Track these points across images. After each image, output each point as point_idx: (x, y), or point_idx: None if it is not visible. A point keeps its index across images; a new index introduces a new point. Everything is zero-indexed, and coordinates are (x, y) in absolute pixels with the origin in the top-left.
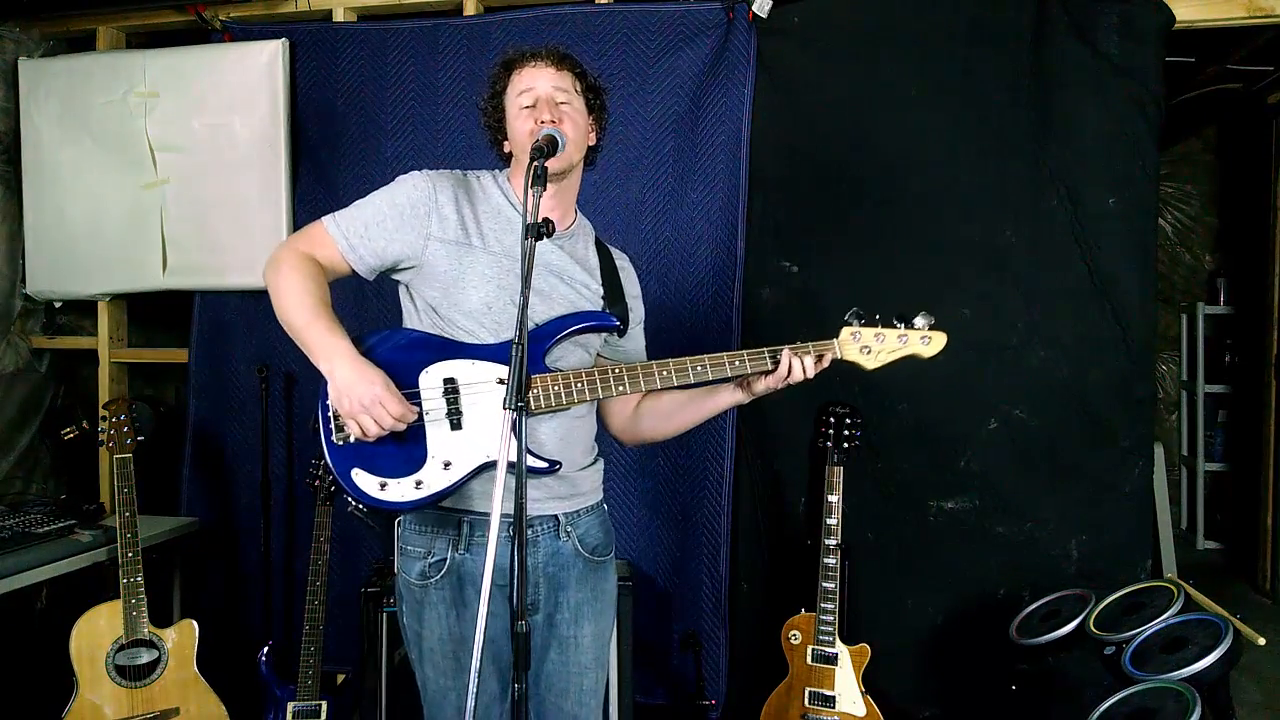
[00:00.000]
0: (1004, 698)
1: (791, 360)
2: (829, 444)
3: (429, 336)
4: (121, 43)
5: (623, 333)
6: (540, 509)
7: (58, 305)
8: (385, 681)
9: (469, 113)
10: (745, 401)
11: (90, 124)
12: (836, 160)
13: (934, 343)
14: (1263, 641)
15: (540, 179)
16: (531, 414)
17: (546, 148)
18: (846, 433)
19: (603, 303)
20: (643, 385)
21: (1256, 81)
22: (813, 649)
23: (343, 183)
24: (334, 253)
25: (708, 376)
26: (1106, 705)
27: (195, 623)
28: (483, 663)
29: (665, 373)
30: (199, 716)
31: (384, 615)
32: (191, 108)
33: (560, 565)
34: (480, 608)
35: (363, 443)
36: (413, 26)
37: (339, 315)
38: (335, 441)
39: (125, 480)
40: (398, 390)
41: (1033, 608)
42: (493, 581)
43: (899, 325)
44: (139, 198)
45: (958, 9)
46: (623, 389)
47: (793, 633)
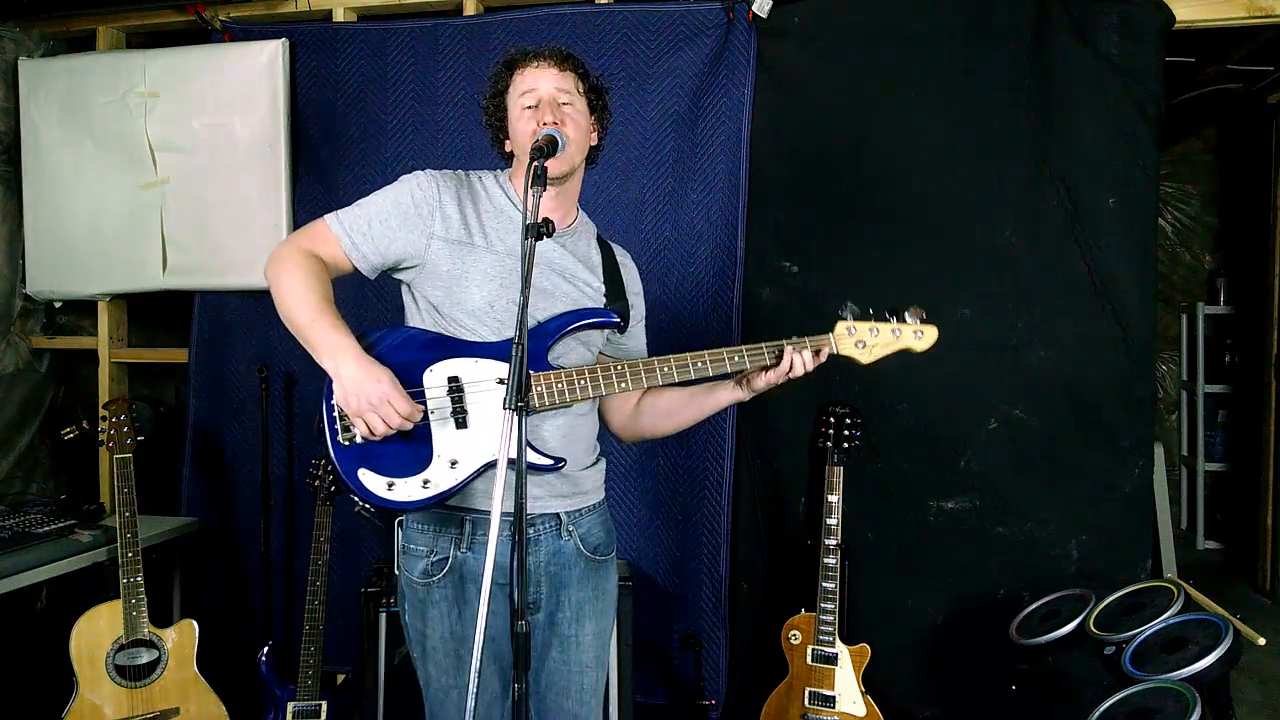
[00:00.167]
0: (1004, 698)
1: (791, 355)
2: (829, 444)
3: (431, 335)
4: (121, 43)
5: (623, 329)
6: (543, 507)
7: (58, 305)
8: (385, 681)
9: (469, 112)
10: (746, 399)
11: (90, 124)
12: (836, 160)
13: (926, 337)
14: (1263, 641)
15: (540, 179)
16: (535, 411)
17: (546, 148)
18: (846, 433)
19: (604, 300)
20: (644, 381)
21: (1256, 81)
22: (813, 649)
23: (343, 183)
24: (336, 250)
25: (708, 372)
26: (1106, 705)
27: (195, 623)
28: (485, 662)
29: (667, 369)
30: (199, 716)
31: (384, 615)
32: (191, 108)
33: (562, 564)
34: (480, 607)
35: (369, 443)
36: (413, 26)
37: (340, 313)
38: (342, 442)
39: (125, 480)
40: (403, 389)
41: (1033, 608)
42: (495, 580)
43: (891, 320)
44: (139, 198)
45: (958, 9)
46: (625, 385)
47: (793, 633)
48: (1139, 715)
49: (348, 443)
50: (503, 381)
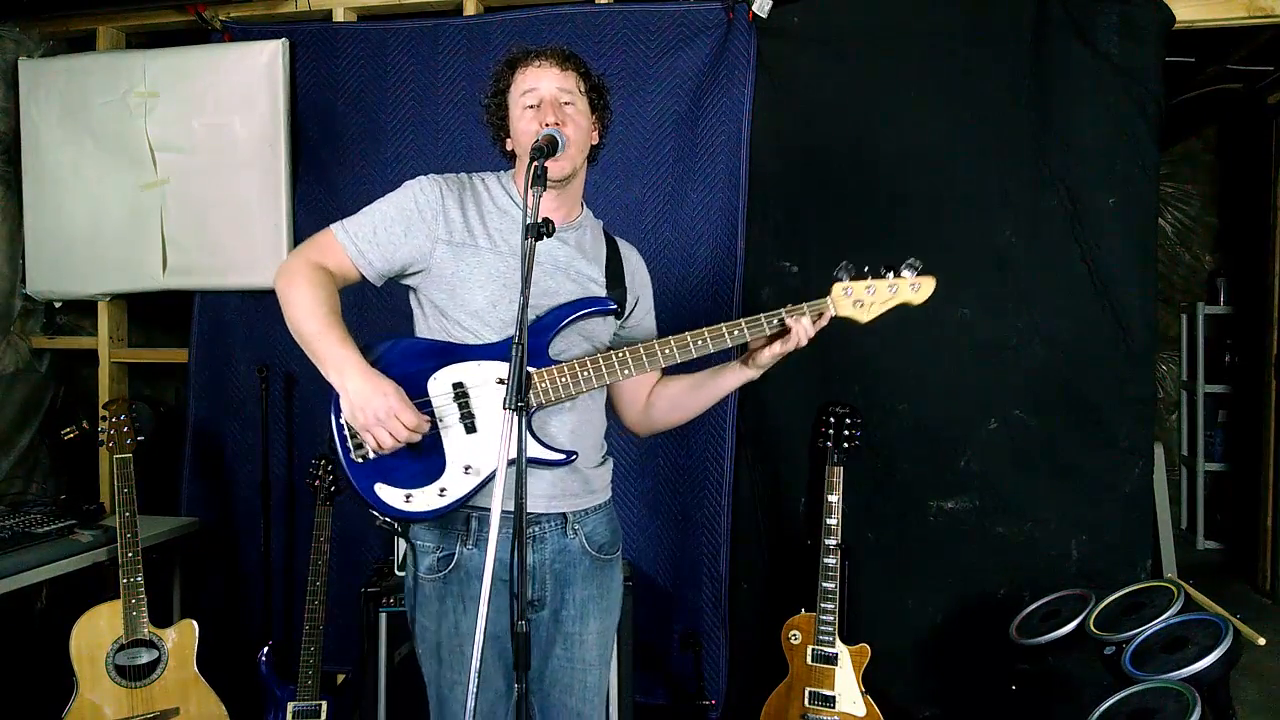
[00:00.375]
0: (1004, 698)
1: (792, 323)
2: (829, 444)
3: (431, 342)
4: (121, 43)
5: (619, 315)
6: (551, 505)
7: (58, 305)
8: (385, 681)
9: (469, 112)
10: (754, 377)
11: (90, 124)
12: (836, 160)
13: (923, 288)
14: (1263, 641)
15: (540, 179)
16: (543, 407)
17: (546, 148)
18: (846, 433)
19: (605, 291)
20: (646, 365)
21: (1256, 81)
22: (813, 649)
23: (343, 183)
24: (344, 259)
25: (709, 349)
26: (1106, 705)
27: (195, 623)
28: (489, 659)
29: (668, 350)
30: (199, 716)
31: (384, 615)
32: (191, 108)
33: (567, 562)
34: (481, 606)
35: (381, 457)
36: (413, 26)
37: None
38: (355, 459)
39: (125, 480)
40: (410, 401)
41: (1033, 608)
42: (499, 578)
43: (887, 275)
44: (139, 198)
45: (958, 9)
46: (628, 371)
47: (793, 633)
48: (1139, 715)
49: (361, 460)
50: (503, 382)
